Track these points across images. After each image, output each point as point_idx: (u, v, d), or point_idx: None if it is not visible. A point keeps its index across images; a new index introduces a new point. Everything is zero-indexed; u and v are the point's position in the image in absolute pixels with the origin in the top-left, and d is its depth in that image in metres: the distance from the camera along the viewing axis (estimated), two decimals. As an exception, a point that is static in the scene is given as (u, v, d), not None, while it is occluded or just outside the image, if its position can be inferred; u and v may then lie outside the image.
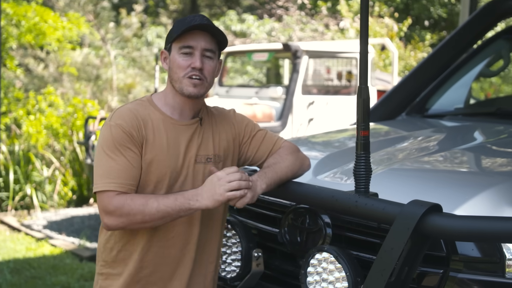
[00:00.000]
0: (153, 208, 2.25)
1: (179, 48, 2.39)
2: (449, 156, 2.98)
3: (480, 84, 15.50)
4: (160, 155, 2.37)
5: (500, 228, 2.03)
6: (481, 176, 2.75)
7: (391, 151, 3.07)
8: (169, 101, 2.45)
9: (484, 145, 3.26)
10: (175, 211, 2.27)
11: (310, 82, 9.45)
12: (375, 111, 4.19)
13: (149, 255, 2.42)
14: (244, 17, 18.00)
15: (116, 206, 2.26)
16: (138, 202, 2.26)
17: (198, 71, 2.37)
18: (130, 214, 2.25)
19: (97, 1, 15.41)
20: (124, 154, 2.31)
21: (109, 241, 2.45)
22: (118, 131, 2.32)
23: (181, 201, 2.26)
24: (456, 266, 2.25)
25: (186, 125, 2.45)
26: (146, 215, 2.25)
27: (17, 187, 8.52)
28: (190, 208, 2.27)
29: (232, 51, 10.35)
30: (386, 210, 2.19)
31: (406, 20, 15.45)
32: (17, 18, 8.92)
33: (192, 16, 2.41)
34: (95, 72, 12.84)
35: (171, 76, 2.43)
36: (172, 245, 2.43)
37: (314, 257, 2.44)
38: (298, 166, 2.55)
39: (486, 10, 4.30)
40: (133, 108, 2.40)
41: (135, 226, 2.30)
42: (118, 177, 2.28)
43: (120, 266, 2.44)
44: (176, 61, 2.39)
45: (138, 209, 2.25)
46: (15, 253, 6.68)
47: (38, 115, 9.21)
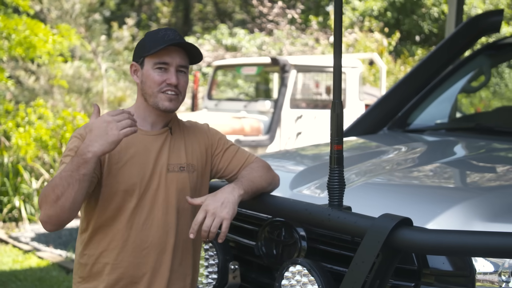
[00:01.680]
0: (57, 179, 2.21)
1: (154, 63, 2.41)
2: (425, 170, 3.01)
3: (470, 99, 15.61)
4: (127, 165, 2.38)
5: (468, 242, 2.07)
6: (454, 190, 2.79)
7: (368, 165, 3.10)
8: (141, 114, 2.47)
9: (461, 160, 3.30)
10: (75, 171, 2.18)
11: (299, 96, 9.51)
12: (357, 125, 4.22)
13: (123, 266, 2.43)
14: (235, 31, 18.09)
15: (40, 199, 2.25)
16: (49, 185, 2.23)
17: (173, 86, 2.40)
18: (46, 196, 2.22)
19: (89, 14, 15.46)
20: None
21: (83, 257, 2.47)
22: (76, 140, 2.36)
23: (76, 159, 2.20)
24: (427, 279, 2.28)
25: (156, 134, 2.47)
26: (55, 187, 2.20)
27: (5, 199, 8.50)
28: (85, 159, 2.18)
29: (221, 64, 10.40)
30: (358, 223, 2.22)
31: (395, 35, 15.56)
32: (7, 31, 8.94)
33: (164, 30, 2.43)
34: (85, 85, 12.87)
35: (144, 90, 2.45)
36: (146, 255, 2.44)
37: (288, 270, 2.47)
38: (270, 178, 2.57)
39: (468, 26, 4.35)
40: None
41: (55, 207, 2.21)
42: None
43: (96, 280, 2.45)
44: (151, 76, 2.41)
45: (49, 188, 2.22)
46: (1, 266, 6.66)
47: (27, 127, 9.20)
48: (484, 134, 3.72)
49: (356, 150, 3.76)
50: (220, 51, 16.49)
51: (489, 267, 2.23)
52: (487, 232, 2.12)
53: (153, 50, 2.37)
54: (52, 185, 2.22)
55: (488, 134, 3.71)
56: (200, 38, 18.59)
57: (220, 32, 18.19)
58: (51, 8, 13.97)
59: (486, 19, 4.35)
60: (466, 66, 4.39)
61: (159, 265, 2.46)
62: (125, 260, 2.43)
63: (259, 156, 3.35)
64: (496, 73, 15.42)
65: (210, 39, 17.86)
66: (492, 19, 4.34)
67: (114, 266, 2.42)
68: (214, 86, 10.61)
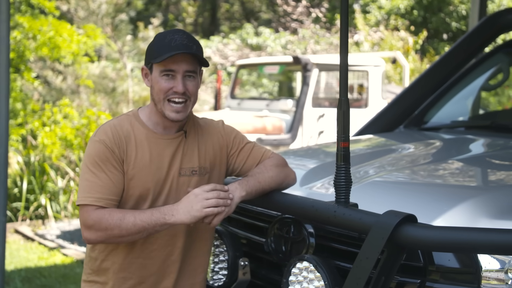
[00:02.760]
0: (129, 223, 2.27)
1: (160, 71, 2.38)
2: (436, 168, 3.01)
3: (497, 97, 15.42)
4: (142, 171, 2.40)
5: (473, 239, 2.06)
6: (463, 188, 2.78)
7: (380, 163, 3.11)
8: (153, 117, 2.47)
9: (474, 158, 3.28)
10: (151, 226, 2.28)
11: (321, 94, 9.50)
12: (373, 123, 4.23)
13: (132, 266, 2.46)
14: (260, 30, 18.11)
15: (95, 220, 2.29)
16: (115, 217, 2.29)
17: (181, 94, 2.38)
18: (108, 229, 2.28)
19: (115, 14, 15.60)
20: (105, 170, 2.34)
21: (94, 251, 2.51)
22: (100, 147, 2.36)
23: (157, 216, 2.28)
24: (433, 276, 2.28)
25: (170, 139, 2.46)
26: (123, 229, 2.28)
27: (32, 197, 8.63)
28: (165, 223, 2.28)
29: (244, 63, 10.43)
30: (363, 220, 2.23)
31: (422, 33, 15.45)
32: (33, 32, 9.08)
33: (172, 34, 2.39)
34: (111, 85, 12.99)
35: (153, 95, 2.44)
36: (154, 257, 2.47)
37: (295, 266, 2.49)
38: (282, 178, 2.56)
39: (486, 23, 4.32)
40: (117, 124, 2.43)
41: (113, 240, 2.32)
42: (98, 192, 2.32)
43: (104, 275, 2.49)
44: (158, 83, 2.39)
45: (115, 224, 2.28)
46: (27, 262, 6.77)
47: (53, 127, 9.33)
48: (501, 132, 3.69)
49: (370, 148, 3.76)
50: (245, 50, 16.53)
51: (495, 264, 2.22)
52: (493, 229, 2.11)
53: (159, 58, 2.35)
54: (119, 223, 2.27)
55: (504, 132, 3.68)
56: (225, 38, 18.66)
57: (245, 32, 18.22)
58: (78, 8, 14.14)
59: (505, 16, 4.32)
60: (484, 64, 4.36)
61: (167, 266, 2.49)
62: (133, 261, 2.46)
63: (281, 152, 3.37)
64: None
65: (236, 38, 17.91)
66: (510, 16, 4.30)
67: (122, 266, 2.46)
68: (237, 85, 10.65)
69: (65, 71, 12.91)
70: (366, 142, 3.91)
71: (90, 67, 12.92)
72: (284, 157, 2.70)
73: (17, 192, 8.65)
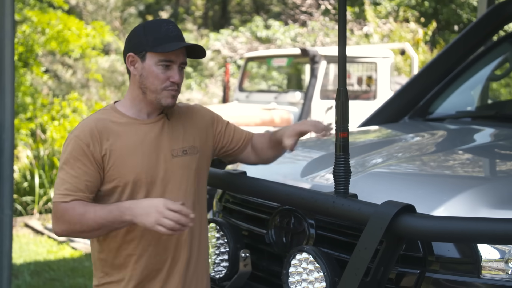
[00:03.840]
0: (89, 219, 2.29)
1: (158, 60, 2.39)
2: (438, 158, 2.99)
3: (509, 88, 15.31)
4: (129, 157, 2.40)
5: (472, 228, 2.06)
6: (464, 178, 2.76)
7: (383, 153, 3.09)
8: (136, 105, 2.47)
9: (477, 148, 3.26)
10: (110, 223, 2.30)
11: (330, 87, 9.47)
12: (378, 114, 4.21)
13: (145, 256, 2.46)
14: (269, 23, 18.07)
15: (60, 214, 2.32)
16: (77, 212, 2.31)
17: (175, 84, 2.42)
18: (71, 223, 2.31)
19: (124, 8, 15.62)
20: (75, 167, 2.35)
21: (102, 252, 2.50)
22: (73, 144, 2.38)
23: (115, 214, 2.29)
24: (433, 266, 2.27)
25: (152, 122, 2.47)
26: (84, 224, 2.30)
27: (41, 191, 8.67)
28: (122, 220, 2.29)
29: (252, 56, 10.42)
30: (361, 210, 2.23)
31: (431, 24, 15.36)
32: (41, 26, 9.10)
33: (166, 24, 2.42)
34: (120, 79, 13.02)
35: (144, 84, 2.43)
36: (165, 241, 2.46)
37: (295, 258, 2.48)
38: None
39: (492, 13, 4.29)
40: (95, 118, 2.44)
41: (78, 235, 2.36)
42: (66, 189, 2.33)
43: (120, 273, 2.48)
44: (154, 73, 2.40)
45: (77, 219, 2.30)
46: (36, 256, 6.80)
47: (62, 121, 9.36)
48: (505, 122, 3.67)
49: (374, 139, 3.75)
50: (255, 43, 16.50)
51: (495, 254, 2.21)
52: (492, 219, 2.11)
53: (162, 48, 2.37)
54: (80, 218, 2.29)
55: (509, 122, 3.65)
56: (235, 31, 18.64)
57: (255, 25, 18.19)
58: (87, 2, 14.17)
59: (510, 6, 4.28)
60: (490, 54, 4.32)
61: (179, 249, 2.50)
62: (145, 249, 2.46)
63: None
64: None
65: (245, 31, 17.89)
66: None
67: (137, 257, 2.45)
68: (246, 78, 10.63)
69: (75, 65, 12.95)
70: (370, 133, 3.90)
71: (99, 61, 12.94)
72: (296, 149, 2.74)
73: (27, 186, 8.69)
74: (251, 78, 14.28)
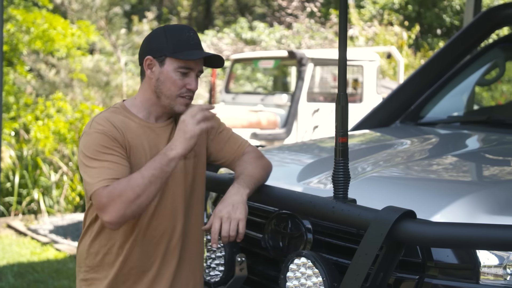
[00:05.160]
0: (138, 178, 2.24)
1: (178, 66, 2.39)
2: (434, 163, 3.00)
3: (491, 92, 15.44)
4: (141, 160, 2.39)
5: (471, 235, 2.06)
6: (461, 183, 2.77)
7: (377, 158, 3.09)
8: (146, 107, 2.47)
9: (471, 153, 3.28)
10: (158, 169, 2.25)
11: (316, 89, 9.48)
12: (370, 118, 4.22)
13: (135, 256, 2.45)
14: (254, 24, 18.07)
15: (107, 196, 2.21)
16: (122, 182, 2.23)
17: (191, 91, 2.42)
18: (122, 195, 2.21)
19: (109, 7, 15.53)
20: (108, 155, 2.30)
21: (93, 247, 2.47)
22: (100, 136, 2.32)
23: (159, 158, 2.28)
24: (432, 272, 2.27)
25: (162, 126, 2.49)
26: (135, 186, 2.22)
27: (24, 192, 8.59)
28: (168, 159, 2.27)
29: (239, 58, 10.40)
30: (361, 216, 2.22)
31: (414, 28, 15.46)
32: (26, 25, 9.03)
33: (187, 31, 2.42)
34: (105, 79, 12.93)
35: (160, 88, 2.41)
36: (156, 243, 2.46)
37: (293, 262, 2.47)
38: (266, 169, 2.61)
39: (482, 18, 4.31)
40: (109, 116, 2.41)
41: (132, 206, 2.23)
42: (106, 174, 2.26)
43: (105, 270, 2.47)
44: (172, 79, 2.39)
45: (125, 186, 2.22)
46: (19, 257, 6.73)
47: (46, 121, 9.29)
48: (496, 127, 3.69)
49: (366, 143, 3.75)
50: (240, 44, 16.49)
51: (494, 260, 2.22)
52: (491, 225, 2.11)
53: (183, 56, 2.37)
54: (129, 183, 2.23)
55: (500, 127, 3.67)
56: (219, 32, 18.61)
57: (239, 26, 18.18)
58: (72, 1, 14.06)
59: (501, 12, 4.31)
60: (480, 59, 4.35)
61: (169, 252, 2.49)
62: (136, 249, 2.45)
63: (275, 148, 3.36)
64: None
65: (230, 32, 17.86)
66: (507, 12, 4.29)
67: (127, 257, 2.44)
68: (232, 80, 10.62)
69: (59, 65, 12.84)
70: (362, 137, 3.90)
71: (83, 60, 12.85)
72: (279, 152, 2.71)
73: (10, 187, 8.60)
74: (236, 79, 14.25)
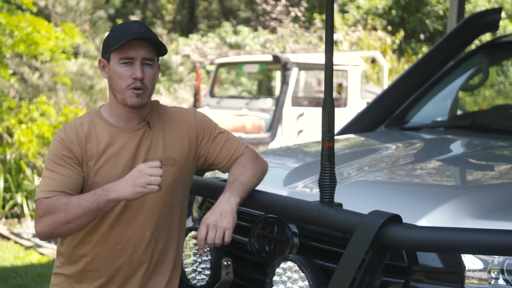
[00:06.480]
0: (74, 205, 2.26)
1: (119, 58, 2.37)
2: (419, 168, 3.02)
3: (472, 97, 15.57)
4: (107, 165, 2.39)
5: (456, 239, 2.08)
6: (446, 188, 2.79)
7: (362, 163, 3.11)
8: (114, 111, 2.46)
9: (456, 158, 3.31)
10: (95, 204, 2.26)
11: (300, 94, 9.52)
12: (354, 123, 4.23)
13: (98, 259, 2.47)
14: (239, 29, 18.09)
15: (43, 209, 2.28)
16: (61, 201, 2.28)
17: (139, 81, 2.36)
18: (55, 212, 2.27)
19: (93, 11, 15.48)
20: (59, 167, 2.35)
21: (62, 246, 2.51)
22: (57, 145, 2.38)
23: (100, 193, 2.27)
24: (417, 276, 2.28)
25: (133, 131, 2.45)
26: (69, 212, 2.26)
27: (8, 196, 8.53)
28: (108, 199, 2.26)
29: (224, 62, 10.42)
30: (348, 220, 2.24)
31: (399, 33, 15.56)
32: (10, 28, 8.96)
33: (129, 24, 2.39)
34: (89, 82, 12.89)
35: (112, 86, 2.42)
36: (121, 249, 2.46)
37: (279, 266, 2.47)
38: (260, 172, 2.59)
39: (465, 24, 4.35)
40: (78, 123, 2.44)
41: (62, 228, 2.28)
42: (51, 186, 2.32)
43: (71, 269, 2.50)
44: (117, 72, 2.38)
45: (61, 207, 2.27)
46: (2, 261, 6.68)
47: (29, 124, 9.23)
48: (481, 132, 3.72)
49: (351, 148, 3.77)
50: (224, 49, 16.50)
51: (479, 264, 2.23)
52: (476, 229, 2.13)
53: (117, 45, 2.33)
54: (64, 206, 2.26)
55: (484, 132, 3.70)
56: (204, 36, 18.61)
57: (224, 30, 18.20)
58: (56, 4, 14.01)
59: (484, 18, 4.36)
60: (464, 64, 4.39)
61: (135, 259, 2.49)
62: (100, 253, 2.46)
63: (260, 152, 3.36)
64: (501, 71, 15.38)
65: (214, 37, 17.87)
66: (490, 18, 4.34)
67: (90, 259, 2.47)
68: (216, 84, 10.62)
69: (42, 68, 12.78)
70: (347, 142, 3.92)
71: (67, 64, 12.79)
72: (263, 156, 2.71)
73: (-8, 191, 8.55)
74: (220, 84, 14.26)
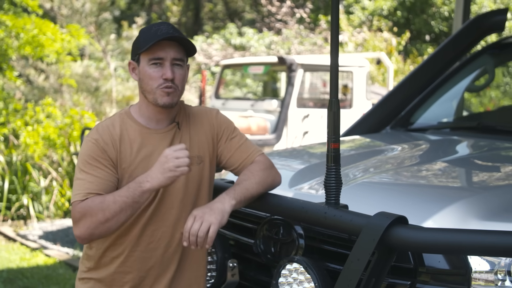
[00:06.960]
0: (110, 202, 2.28)
1: (148, 59, 2.40)
2: (425, 169, 3.01)
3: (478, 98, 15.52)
4: (141, 166, 2.40)
5: (463, 240, 2.07)
6: (452, 189, 2.79)
7: (368, 164, 3.11)
8: (144, 112, 2.48)
9: (462, 159, 3.30)
10: (130, 198, 2.27)
11: (306, 95, 9.51)
12: (360, 124, 4.23)
13: (130, 260, 2.47)
14: (243, 30, 18.10)
15: (80, 212, 2.29)
16: (97, 201, 2.29)
17: (170, 81, 2.39)
18: (92, 214, 2.28)
19: (99, 13, 15.52)
20: (94, 168, 2.36)
21: (91, 249, 2.51)
22: (91, 146, 2.39)
23: (133, 186, 2.29)
24: (423, 278, 2.28)
25: (163, 132, 2.48)
26: (106, 210, 2.27)
27: (14, 198, 8.55)
28: (142, 190, 2.28)
29: (229, 63, 10.42)
30: (354, 221, 2.23)
31: (405, 34, 15.53)
32: (16, 30, 9.00)
33: (157, 25, 2.41)
34: (94, 84, 12.92)
35: (143, 87, 2.45)
36: (153, 249, 2.47)
37: (285, 268, 2.47)
38: (269, 183, 2.55)
39: (471, 25, 4.35)
40: (109, 124, 2.45)
41: (101, 228, 2.29)
42: (86, 188, 2.33)
43: (102, 272, 2.49)
44: (147, 73, 2.40)
45: (97, 207, 2.28)
46: (9, 263, 6.70)
47: (35, 126, 9.25)
48: (487, 133, 3.71)
49: (357, 149, 3.77)
50: (229, 50, 16.51)
51: (485, 265, 2.23)
52: (483, 231, 2.12)
53: (146, 46, 2.36)
54: (101, 205, 2.27)
55: (490, 133, 3.69)
56: (209, 38, 18.63)
57: (228, 32, 18.21)
58: (61, 6, 14.05)
59: (490, 18, 4.35)
60: (469, 65, 4.38)
61: (166, 258, 2.50)
62: (131, 254, 2.46)
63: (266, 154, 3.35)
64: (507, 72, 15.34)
65: (219, 38, 17.89)
66: (496, 18, 4.33)
67: (121, 261, 2.46)
68: (222, 85, 10.63)
69: (48, 70, 12.81)
70: (353, 143, 3.92)
71: (73, 66, 12.83)
72: (269, 158, 2.70)
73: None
74: (226, 85, 14.27)
